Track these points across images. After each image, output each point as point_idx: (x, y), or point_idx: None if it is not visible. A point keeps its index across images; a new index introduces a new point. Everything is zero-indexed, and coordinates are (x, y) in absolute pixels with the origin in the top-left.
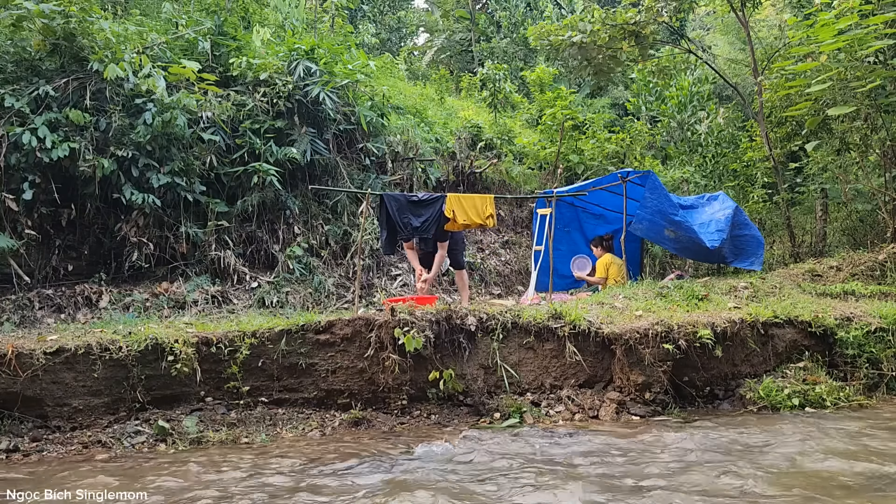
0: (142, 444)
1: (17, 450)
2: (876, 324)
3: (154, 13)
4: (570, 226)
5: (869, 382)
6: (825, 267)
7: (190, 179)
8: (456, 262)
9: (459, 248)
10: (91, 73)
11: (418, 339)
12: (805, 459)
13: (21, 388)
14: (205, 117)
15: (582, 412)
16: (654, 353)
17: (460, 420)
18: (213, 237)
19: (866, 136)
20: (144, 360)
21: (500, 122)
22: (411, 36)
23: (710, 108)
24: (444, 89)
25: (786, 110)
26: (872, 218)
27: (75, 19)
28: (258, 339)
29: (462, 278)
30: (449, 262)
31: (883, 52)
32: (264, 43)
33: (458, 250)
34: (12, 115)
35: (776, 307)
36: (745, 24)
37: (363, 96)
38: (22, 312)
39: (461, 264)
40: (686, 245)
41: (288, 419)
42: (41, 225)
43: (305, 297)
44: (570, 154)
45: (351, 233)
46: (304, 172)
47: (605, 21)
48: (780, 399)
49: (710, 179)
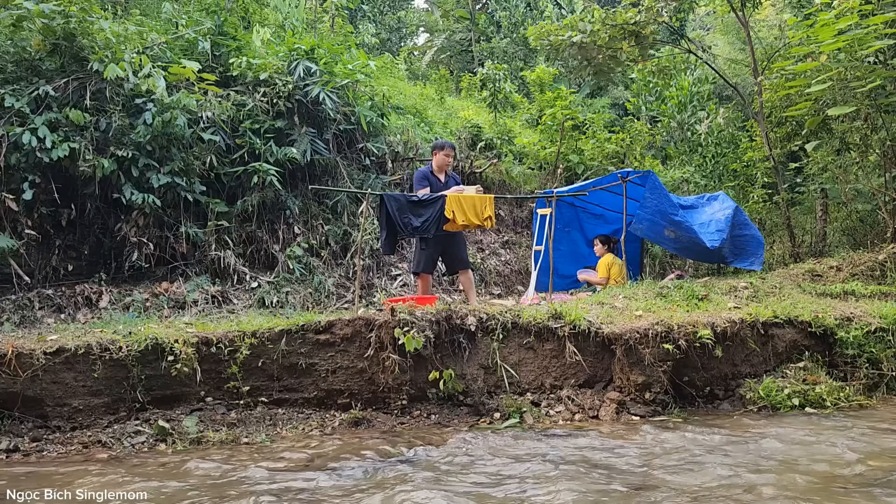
0: (142, 444)
1: (17, 450)
2: (876, 324)
3: (154, 13)
4: (570, 226)
5: (869, 382)
6: (825, 267)
7: (190, 179)
8: (461, 263)
9: (463, 248)
10: (91, 73)
11: (418, 339)
12: (805, 459)
13: (21, 388)
14: (205, 117)
15: (582, 412)
16: (654, 353)
17: (460, 420)
18: (213, 237)
19: (866, 136)
20: (144, 360)
21: (500, 122)
22: (411, 36)
23: (710, 108)
24: (444, 89)
25: (786, 110)
26: (872, 218)
27: (75, 19)
28: (258, 339)
29: (468, 278)
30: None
31: (883, 52)
32: (264, 43)
33: (463, 249)
34: (12, 115)
35: (776, 307)
36: (745, 24)
37: (363, 96)
38: (22, 312)
39: (467, 264)
40: (686, 245)
41: (288, 419)
42: (41, 225)
43: (305, 297)
44: (570, 154)
45: (351, 233)
46: (304, 172)
47: (605, 21)
48: (780, 399)
49: (710, 179)
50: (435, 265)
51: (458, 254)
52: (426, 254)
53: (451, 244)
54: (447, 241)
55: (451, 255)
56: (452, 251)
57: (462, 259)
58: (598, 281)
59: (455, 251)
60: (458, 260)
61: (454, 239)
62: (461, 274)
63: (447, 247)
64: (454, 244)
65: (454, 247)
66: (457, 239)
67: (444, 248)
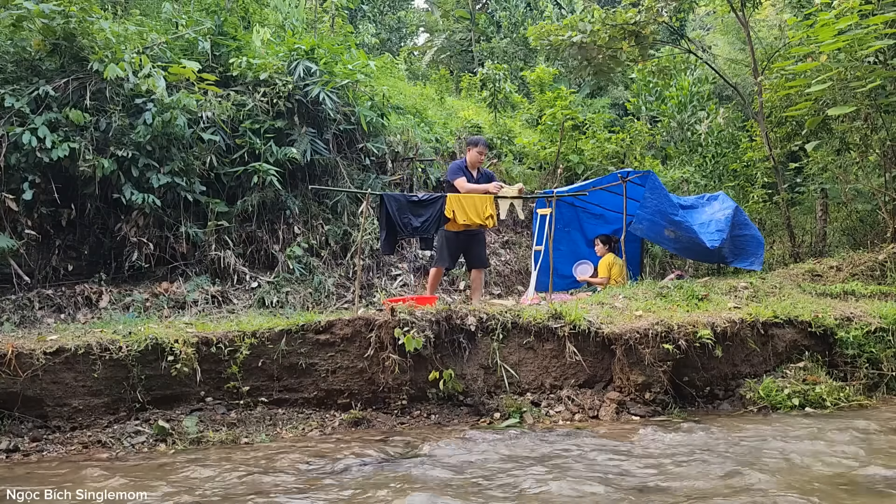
0: (142, 444)
1: (17, 450)
2: (876, 324)
3: (154, 13)
4: (570, 226)
5: (869, 382)
6: (825, 267)
7: (190, 179)
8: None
9: (483, 247)
10: (91, 73)
11: (418, 339)
12: (805, 459)
13: (21, 388)
14: (205, 117)
15: (582, 412)
16: (654, 353)
17: (460, 420)
18: (213, 237)
19: (866, 136)
20: (144, 360)
21: (499, 122)
22: (411, 36)
23: (710, 108)
24: (444, 89)
25: (786, 110)
26: (872, 218)
27: (75, 19)
28: (258, 339)
29: (480, 277)
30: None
31: (883, 52)
32: (264, 43)
33: (483, 248)
34: (12, 115)
35: (776, 307)
36: (745, 24)
37: (363, 96)
38: (22, 312)
39: (485, 263)
40: (686, 245)
41: (288, 419)
42: (41, 225)
43: (305, 297)
44: (570, 154)
45: (351, 233)
46: (304, 172)
47: (605, 21)
48: (780, 399)
49: (710, 179)
50: (455, 262)
51: (479, 252)
52: (450, 250)
53: (475, 243)
54: (471, 240)
55: (473, 253)
56: (475, 249)
57: (481, 258)
58: (598, 281)
59: (477, 250)
60: (478, 258)
61: (477, 238)
62: (475, 272)
63: (470, 245)
64: (477, 243)
65: (477, 246)
66: (479, 238)
67: (467, 245)
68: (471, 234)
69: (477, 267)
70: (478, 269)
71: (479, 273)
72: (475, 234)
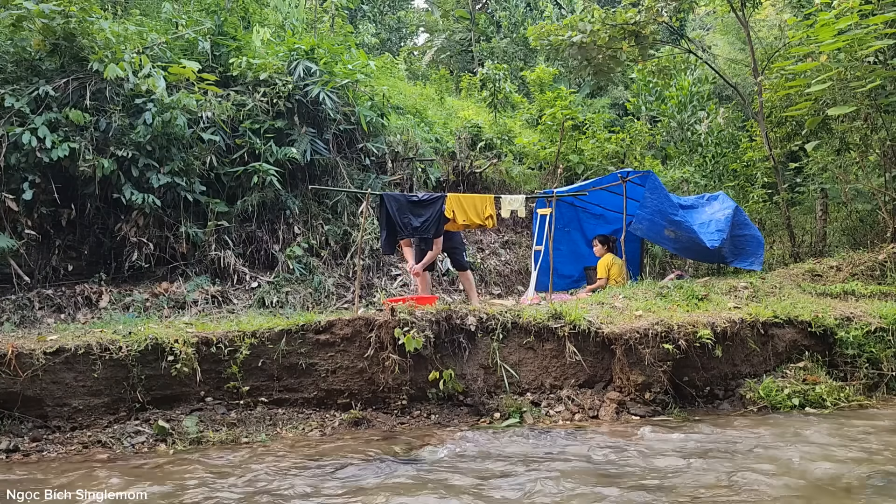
0: (142, 444)
1: (17, 450)
2: (876, 324)
3: (154, 13)
4: (570, 226)
5: (869, 382)
6: (825, 267)
7: (190, 179)
8: (457, 264)
9: (459, 249)
10: (91, 73)
11: (418, 339)
12: (805, 459)
13: (21, 388)
14: (205, 117)
15: (582, 412)
16: (653, 353)
17: (460, 420)
18: (213, 237)
19: (866, 136)
20: (144, 360)
21: (500, 122)
22: (411, 36)
23: (710, 108)
24: (444, 89)
25: (786, 110)
26: (872, 218)
27: (75, 19)
28: (258, 339)
29: (467, 279)
30: (450, 264)
31: (883, 52)
32: (264, 43)
33: (459, 251)
34: (12, 115)
35: (776, 307)
36: (745, 24)
37: (363, 96)
38: (22, 312)
39: (463, 265)
40: (686, 245)
41: (288, 419)
42: (41, 225)
43: (305, 297)
44: (570, 154)
45: (351, 233)
46: (304, 172)
47: (605, 21)
48: (780, 399)
49: (710, 179)
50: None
51: (453, 256)
52: (420, 252)
53: (453, 244)
54: (450, 241)
55: (452, 256)
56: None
57: (457, 261)
58: (598, 284)
59: (450, 254)
60: (454, 262)
61: (451, 240)
62: (459, 275)
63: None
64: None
65: (454, 247)
66: (454, 240)
67: (447, 246)
68: (448, 235)
69: (456, 270)
70: (459, 271)
71: (465, 275)
72: (452, 236)
